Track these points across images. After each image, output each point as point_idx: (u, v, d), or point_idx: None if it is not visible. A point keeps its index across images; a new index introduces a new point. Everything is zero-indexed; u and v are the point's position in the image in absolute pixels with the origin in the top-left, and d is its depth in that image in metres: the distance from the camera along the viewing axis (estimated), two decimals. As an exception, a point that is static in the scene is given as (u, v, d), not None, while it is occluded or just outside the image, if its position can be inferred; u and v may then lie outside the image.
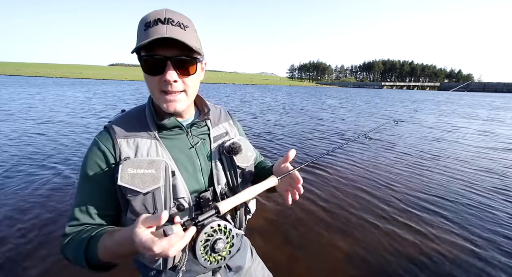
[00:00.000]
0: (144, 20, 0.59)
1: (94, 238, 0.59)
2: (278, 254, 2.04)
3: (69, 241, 0.62)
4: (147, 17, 0.60)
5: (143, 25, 0.59)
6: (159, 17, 0.59)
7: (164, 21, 0.58)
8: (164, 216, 0.47)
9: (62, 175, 3.40)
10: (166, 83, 0.61)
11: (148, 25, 0.58)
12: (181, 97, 0.65)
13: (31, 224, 2.31)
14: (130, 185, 0.60)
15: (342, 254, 2.08)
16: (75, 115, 8.21)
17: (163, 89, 0.62)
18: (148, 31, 0.58)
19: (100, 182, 0.64)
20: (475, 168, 4.30)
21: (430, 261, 2.03)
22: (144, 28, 0.59)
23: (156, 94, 0.64)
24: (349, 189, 3.31)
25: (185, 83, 0.64)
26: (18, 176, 3.33)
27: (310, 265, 1.96)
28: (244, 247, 0.91)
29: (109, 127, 0.68)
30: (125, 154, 0.64)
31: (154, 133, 0.69)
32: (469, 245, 2.24)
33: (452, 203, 2.99)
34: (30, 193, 2.88)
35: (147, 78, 0.63)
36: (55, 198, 2.82)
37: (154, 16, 0.59)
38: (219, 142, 0.79)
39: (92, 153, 0.65)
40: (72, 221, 0.64)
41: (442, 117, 11.08)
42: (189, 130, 0.74)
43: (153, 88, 0.63)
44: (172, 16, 0.60)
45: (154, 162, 0.64)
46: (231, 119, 0.89)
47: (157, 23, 0.58)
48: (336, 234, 2.35)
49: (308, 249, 2.14)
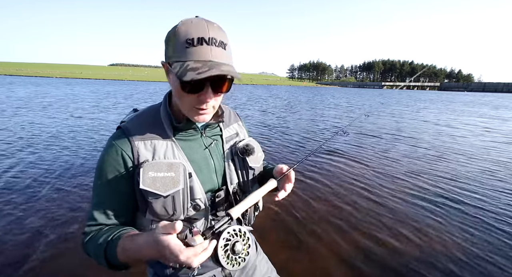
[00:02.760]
0: (185, 34, 0.57)
1: (113, 240, 0.60)
2: (278, 254, 2.04)
3: (90, 240, 0.65)
4: (188, 31, 0.57)
5: (184, 40, 0.57)
6: (203, 36, 0.57)
7: (209, 41, 0.57)
8: (178, 226, 0.49)
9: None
10: (202, 102, 0.62)
11: (190, 43, 0.57)
12: (211, 111, 0.67)
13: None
14: (152, 189, 0.62)
15: (342, 254, 2.08)
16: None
17: (196, 106, 0.64)
18: (192, 50, 0.57)
19: (117, 185, 0.65)
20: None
21: (431, 261, 2.02)
22: (186, 45, 0.57)
23: (187, 107, 0.65)
24: (349, 187, 3.31)
25: (217, 100, 0.66)
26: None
27: (310, 264, 1.96)
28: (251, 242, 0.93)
29: (125, 129, 0.68)
30: (143, 157, 0.65)
31: (170, 135, 0.70)
32: (470, 244, 2.23)
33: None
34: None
35: (181, 94, 0.62)
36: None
37: (196, 32, 0.57)
38: (230, 143, 0.82)
39: (109, 155, 0.65)
40: (91, 221, 0.66)
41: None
42: (203, 131, 0.75)
43: (186, 104, 0.64)
44: (214, 34, 0.58)
45: (173, 165, 0.66)
46: (240, 120, 0.92)
47: (202, 42, 0.57)
48: (336, 233, 2.35)
49: (308, 249, 2.14)
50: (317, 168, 4.01)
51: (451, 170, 4.14)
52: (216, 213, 0.75)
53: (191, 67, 0.56)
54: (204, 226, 0.72)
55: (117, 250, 0.58)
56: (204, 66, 0.56)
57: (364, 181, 3.56)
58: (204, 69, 0.55)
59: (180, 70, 0.56)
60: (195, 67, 0.56)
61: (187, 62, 0.57)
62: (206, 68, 0.55)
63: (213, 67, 0.56)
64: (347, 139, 6.04)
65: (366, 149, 5.31)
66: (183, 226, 0.67)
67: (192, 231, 0.54)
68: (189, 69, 0.55)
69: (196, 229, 0.55)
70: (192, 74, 0.54)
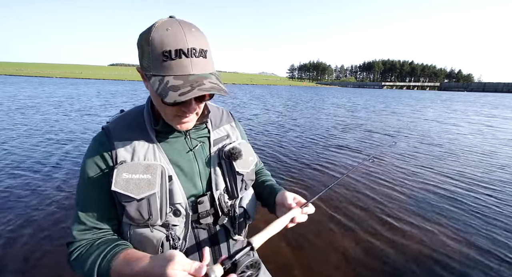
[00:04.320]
0: (161, 45, 0.52)
1: (106, 259, 0.56)
2: (278, 255, 2.04)
3: (79, 256, 0.60)
4: (163, 41, 0.51)
5: (160, 53, 0.52)
6: (181, 47, 0.52)
7: (188, 53, 0.52)
8: (202, 269, 0.47)
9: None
10: (185, 113, 0.60)
11: (168, 56, 0.52)
12: (194, 118, 0.65)
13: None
14: (124, 191, 0.59)
15: (342, 254, 2.08)
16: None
17: (179, 114, 0.61)
18: (170, 64, 0.52)
19: (100, 184, 0.62)
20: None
21: (432, 261, 2.02)
22: (163, 58, 0.52)
23: (169, 117, 0.62)
24: (349, 187, 3.30)
25: (200, 107, 0.64)
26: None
27: (310, 265, 1.96)
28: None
29: (107, 129, 0.66)
30: (121, 158, 0.62)
31: (152, 136, 0.67)
32: (474, 246, 2.23)
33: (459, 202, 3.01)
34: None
35: (162, 105, 0.59)
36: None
37: (174, 43, 0.51)
38: (219, 145, 0.76)
39: (90, 155, 0.64)
40: (80, 226, 0.62)
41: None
42: (187, 132, 0.71)
43: (168, 114, 0.61)
44: (193, 44, 0.53)
45: (150, 166, 0.62)
46: (233, 121, 0.86)
47: (180, 55, 0.52)
48: (336, 234, 2.35)
49: (309, 250, 2.13)
50: (317, 170, 4.00)
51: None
52: (199, 221, 0.70)
53: (172, 86, 0.52)
54: (184, 233, 0.67)
55: (111, 272, 0.54)
56: (186, 83, 0.52)
57: (365, 182, 3.53)
58: (186, 89, 0.51)
59: (160, 88, 0.52)
60: (176, 85, 0.52)
61: (166, 77, 0.53)
62: (188, 87, 0.51)
63: (195, 86, 0.52)
64: (351, 134, 6.05)
65: (367, 146, 5.33)
66: (161, 233, 0.63)
67: (203, 254, 0.52)
68: (169, 88, 0.51)
69: (207, 253, 0.52)
70: (174, 96, 0.50)
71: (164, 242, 0.63)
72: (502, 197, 3.19)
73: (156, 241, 0.62)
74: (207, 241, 0.72)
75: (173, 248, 0.64)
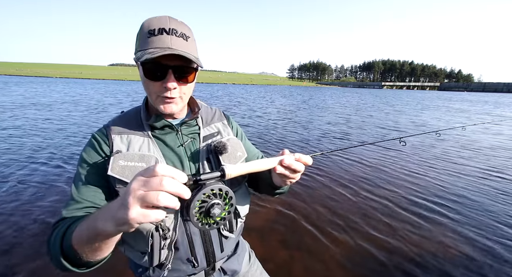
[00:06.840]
0: (148, 26, 0.61)
1: (75, 223, 0.54)
2: (277, 255, 2.04)
3: (54, 232, 0.57)
4: (150, 23, 0.62)
5: (147, 32, 0.61)
6: (164, 26, 0.61)
7: (169, 31, 0.61)
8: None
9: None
10: (166, 89, 0.65)
11: (152, 33, 0.60)
12: (177, 101, 0.69)
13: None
14: (120, 176, 0.62)
15: (342, 254, 2.08)
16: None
17: (161, 94, 0.66)
18: (152, 39, 0.60)
19: (97, 169, 0.66)
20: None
21: (432, 261, 2.02)
22: (147, 35, 0.61)
23: (153, 97, 0.68)
24: (348, 187, 3.31)
25: (182, 90, 0.68)
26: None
27: (309, 265, 1.97)
28: (241, 251, 0.90)
29: (106, 125, 0.73)
30: (117, 148, 0.67)
31: (147, 132, 0.72)
32: (471, 244, 2.24)
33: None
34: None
35: (147, 82, 0.66)
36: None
37: (158, 24, 0.61)
38: (208, 141, 0.79)
39: (89, 145, 0.70)
40: (71, 206, 0.62)
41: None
42: (179, 129, 0.76)
43: (152, 92, 0.67)
44: (175, 26, 0.62)
45: (145, 156, 0.67)
46: (226, 120, 0.89)
47: (162, 32, 0.60)
48: (334, 234, 2.35)
49: (307, 250, 2.13)
50: (318, 168, 3.98)
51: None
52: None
53: (149, 52, 0.59)
54: (174, 224, 0.68)
55: (74, 232, 0.51)
56: (161, 50, 0.59)
57: (366, 182, 3.52)
58: (159, 51, 0.59)
59: (139, 55, 0.60)
60: (152, 51, 0.59)
61: (148, 50, 0.60)
62: (162, 51, 0.59)
63: (168, 50, 0.59)
64: (351, 137, 6.09)
65: (368, 150, 5.33)
66: (151, 223, 0.56)
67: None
68: (146, 53, 0.59)
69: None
70: (148, 56, 0.58)
71: (153, 233, 0.64)
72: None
73: (146, 232, 0.63)
74: (197, 233, 0.74)
75: (163, 238, 0.65)
